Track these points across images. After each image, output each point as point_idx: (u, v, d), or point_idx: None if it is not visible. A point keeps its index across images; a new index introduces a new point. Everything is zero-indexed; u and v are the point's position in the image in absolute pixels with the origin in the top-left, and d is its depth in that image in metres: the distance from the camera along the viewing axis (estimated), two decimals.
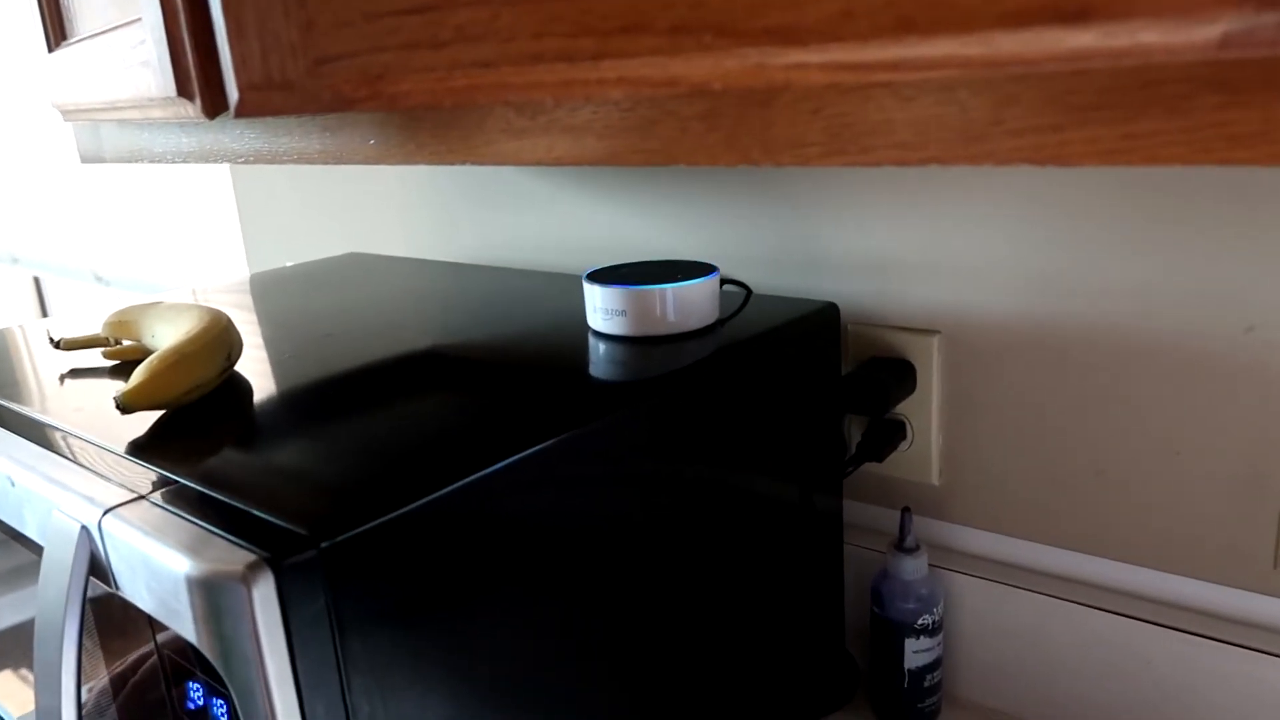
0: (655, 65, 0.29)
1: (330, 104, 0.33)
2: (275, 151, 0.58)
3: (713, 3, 0.28)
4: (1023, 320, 0.64)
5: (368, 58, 0.32)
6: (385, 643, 0.39)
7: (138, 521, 0.39)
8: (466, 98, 0.31)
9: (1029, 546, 0.68)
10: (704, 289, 0.60)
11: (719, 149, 0.38)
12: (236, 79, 0.34)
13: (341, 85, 0.33)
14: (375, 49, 0.32)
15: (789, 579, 0.64)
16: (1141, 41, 0.25)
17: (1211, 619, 0.61)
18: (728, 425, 0.56)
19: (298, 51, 0.33)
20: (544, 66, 0.29)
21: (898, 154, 0.34)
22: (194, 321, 0.56)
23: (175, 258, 1.45)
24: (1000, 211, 0.63)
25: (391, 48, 0.31)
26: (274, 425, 0.49)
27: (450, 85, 0.31)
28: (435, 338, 0.63)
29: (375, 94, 0.32)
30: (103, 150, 0.74)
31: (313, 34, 0.32)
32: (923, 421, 0.70)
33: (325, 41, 0.32)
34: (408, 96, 0.32)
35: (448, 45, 0.30)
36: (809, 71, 0.28)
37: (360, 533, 0.38)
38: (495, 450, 0.44)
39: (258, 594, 0.34)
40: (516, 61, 0.29)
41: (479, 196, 0.96)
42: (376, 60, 0.32)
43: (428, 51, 0.31)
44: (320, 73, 0.33)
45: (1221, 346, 0.57)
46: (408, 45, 0.31)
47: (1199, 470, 0.60)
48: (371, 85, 0.32)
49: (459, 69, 0.30)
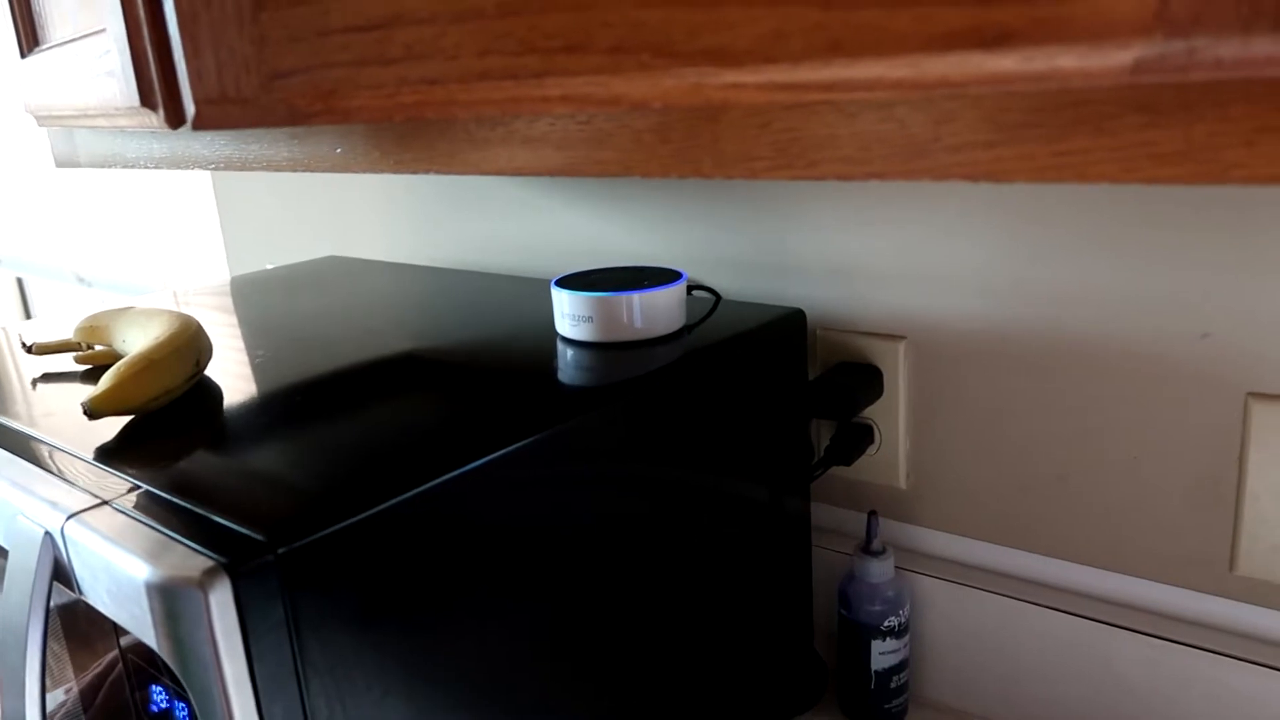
0: (597, 84, 0.30)
1: (285, 118, 0.34)
2: (245, 159, 0.58)
3: (651, 24, 0.28)
4: (987, 326, 0.65)
5: (320, 73, 0.32)
6: (345, 646, 0.40)
7: (100, 527, 0.40)
8: (416, 113, 0.32)
9: (994, 550, 0.69)
10: (670, 295, 0.61)
11: (671, 161, 0.39)
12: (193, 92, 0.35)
13: (295, 100, 0.33)
14: (327, 65, 0.32)
15: (758, 581, 0.65)
16: (1059, 66, 0.26)
17: (1170, 621, 0.62)
18: (695, 429, 0.57)
19: (251, 67, 0.33)
20: (490, 84, 0.30)
21: (842, 168, 0.35)
22: (163, 327, 0.56)
23: (157, 259, 1.45)
24: (965, 219, 0.64)
25: (342, 64, 0.32)
26: (241, 430, 0.50)
27: (400, 101, 0.31)
28: (407, 341, 0.64)
29: (329, 109, 0.33)
30: (77, 155, 0.74)
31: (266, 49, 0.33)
32: (890, 426, 0.71)
33: (278, 57, 0.33)
34: (359, 111, 0.32)
35: (396, 62, 0.31)
36: (745, 91, 0.29)
37: (319, 538, 0.38)
38: (461, 454, 0.45)
39: (214, 600, 0.35)
40: (463, 79, 0.30)
41: (457, 201, 0.96)
42: (328, 76, 0.32)
43: (377, 68, 0.31)
44: (274, 87, 0.33)
45: (1178, 352, 0.58)
46: (358, 62, 0.32)
47: (1157, 475, 0.61)
48: (325, 100, 0.33)
49: (407, 85, 0.31)
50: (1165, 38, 0.24)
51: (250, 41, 0.33)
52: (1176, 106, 0.27)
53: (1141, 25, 0.24)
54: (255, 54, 0.33)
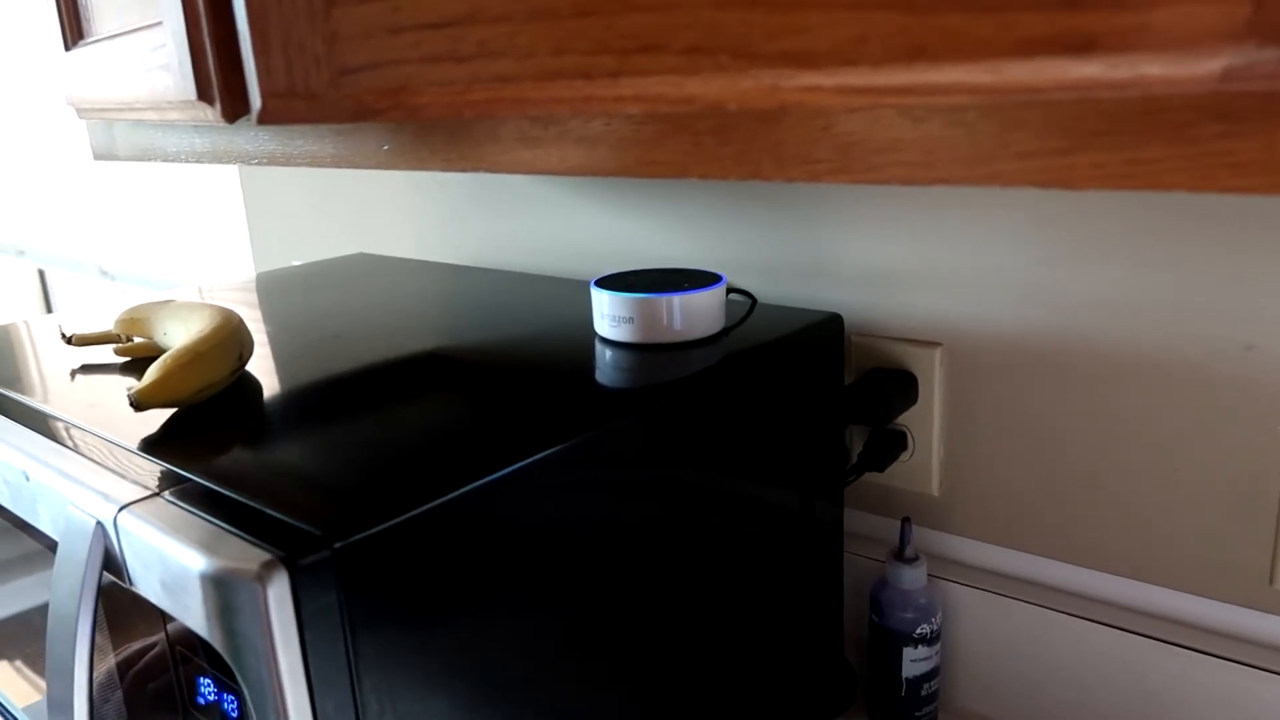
0: (671, 84, 0.30)
1: (352, 114, 0.34)
2: (288, 154, 0.58)
3: (729, 25, 0.28)
4: (1025, 334, 0.65)
5: (390, 69, 0.33)
6: (395, 642, 0.40)
7: (153, 518, 0.40)
8: (485, 110, 0.32)
9: (1027, 558, 0.69)
10: (711, 298, 0.61)
11: (730, 163, 0.39)
12: (260, 87, 0.35)
13: (364, 96, 0.33)
14: (398, 61, 0.32)
15: (789, 586, 0.65)
16: (1144, 73, 0.26)
17: (1207, 634, 0.62)
18: (731, 433, 0.57)
19: (321, 63, 0.34)
20: (562, 83, 0.30)
21: (905, 173, 0.35)
22: (206, 321, 0.56)
23: (181, 254, 1.46)
24: (1004, 225, 0.64)
25: (413, 60, 0.32)
26: (284, 425, 0.50)
27: (470, 98, 0.32)
28: (444, 340, 0.64)
29: (397, 105, 0.33)
30: (116, 148, 0.75)
31: (337, 46, 0.33)
32: (924, 432, 0.71)
33: (348, 53, 0.33)
34: (428, 108, 0.33)
35: (469, 60, 0.31)
36: (821, 94, 0.29)
37: (373, 534, 0.38)
38: (505, 454, 0.45)
39: (272, 592, 0.35)
40: (536, 77, 0.30)
41: (488, 200, 0.97)
42: (398, 72, 0.32)
43: (449, 65, 0.31)
44: (343, 83, 0.34)
45: (1221, 363, 0.58)
46: (430, 59, 0.32)
47: (1197, 485, 0.60)
48: (393, 96, 0.33)
49: (479, 83, 0.31)
50: (1258, 45, 0.24)
51: (321, 38, 0.33)
52: (1257, 115, 0.27)
53: (1232, 33, 0.24)
54: (326, 50, 0.33)
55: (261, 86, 0.35)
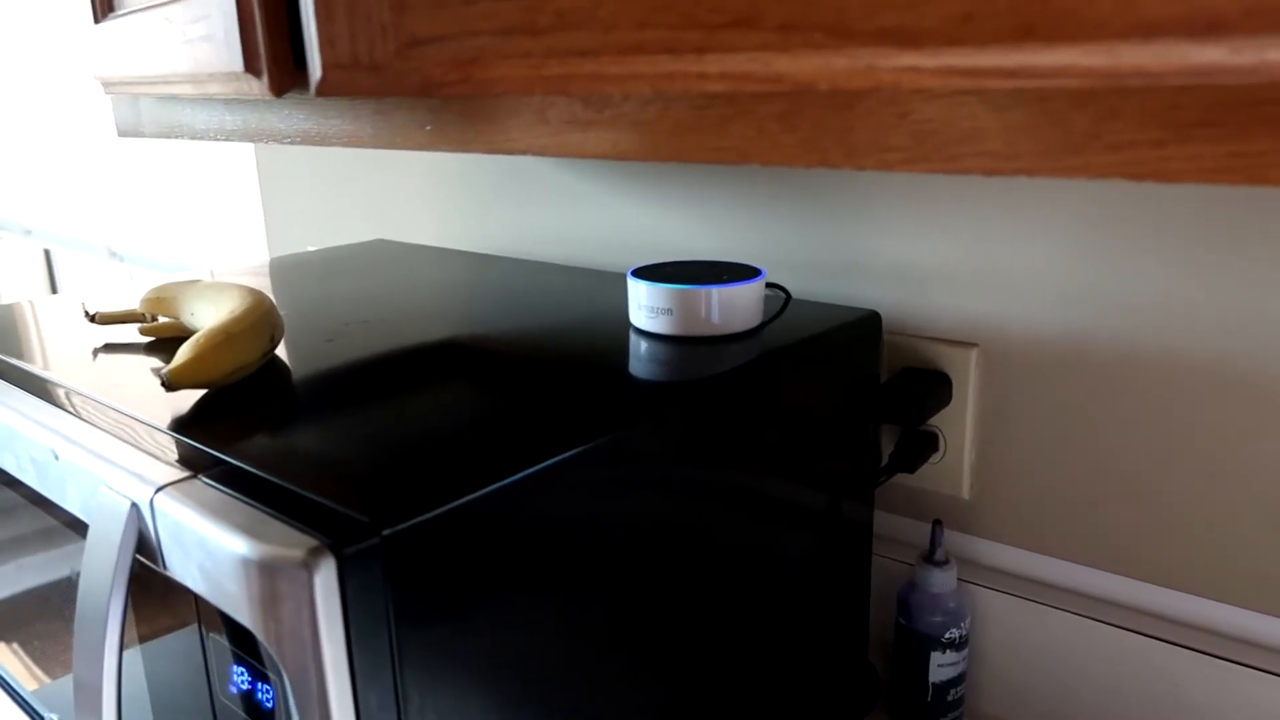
0: (760, 61, 0.28)
1: (418, 88, 0.33)
2: (324, 133, 0.57)
3: (826, 1, 0.27)
4: (1063, 335, 0.64)
5: (461, 42, 0.31)
6: (437, 635, 0.39)
7: (192, 501, 0.39)
8: (560, 86, 0.30)
9: (1058, 564, 0.67)
10: (750, 292, 0.60)
11: (795, 150, 0.38)
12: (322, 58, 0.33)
13: (431, 69, 0.32)
14: (470, 33, 0.31)
15: (816, 586, 0.64)
16: (1270, 59, 0.25)
17: (1244, 645, 0.61)
18: (765, 431, 0.56)
19: (388, 33, 0.32)
20: (645, 58, 0.29)
21: (987, 163, 0.34)
22: (237, 301, 0.55)
23: (193, 237, 1.44)
24: (1044, 224, 0.63)
25: (487, 32, 0.31)
26: (317, 410, 0.49)
27: (544, 73, 0.30)
28: (473, 329, 0.63)
29: (466, 79, 0.32)
30: (141, 124, 0.73)
31: (405, 15, 0.32)
32: (956, 434, 0.70)
33: (418, 23, 0.32)
34: (499, 83, 0.31)
35: (546, 32, 0.30)
36: (922, 75, 0.27)
37: (420, 522, 0.37)
38: (544, 447, 0.44)
39: (319, 580, 0.34)
40: (617, 51, 0.29)
41: (511, 189, 0.95)
42: (470, 45, 0.31)
43: (524, 37, 0.30)
44: (410, 55, 0.32)
45: (1267, 369, 0.57)
46: (504, 30, 0.30)
47: (1237, 494, 0.59)
48: (463, 70, 0.32)
49: (555, 56, 0.30)
50: None
51: (389, 6, 0.32)
52: None
53: None
54: (394, 20, 0.32)
55: (324, 57, 0.33)
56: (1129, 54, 0.25)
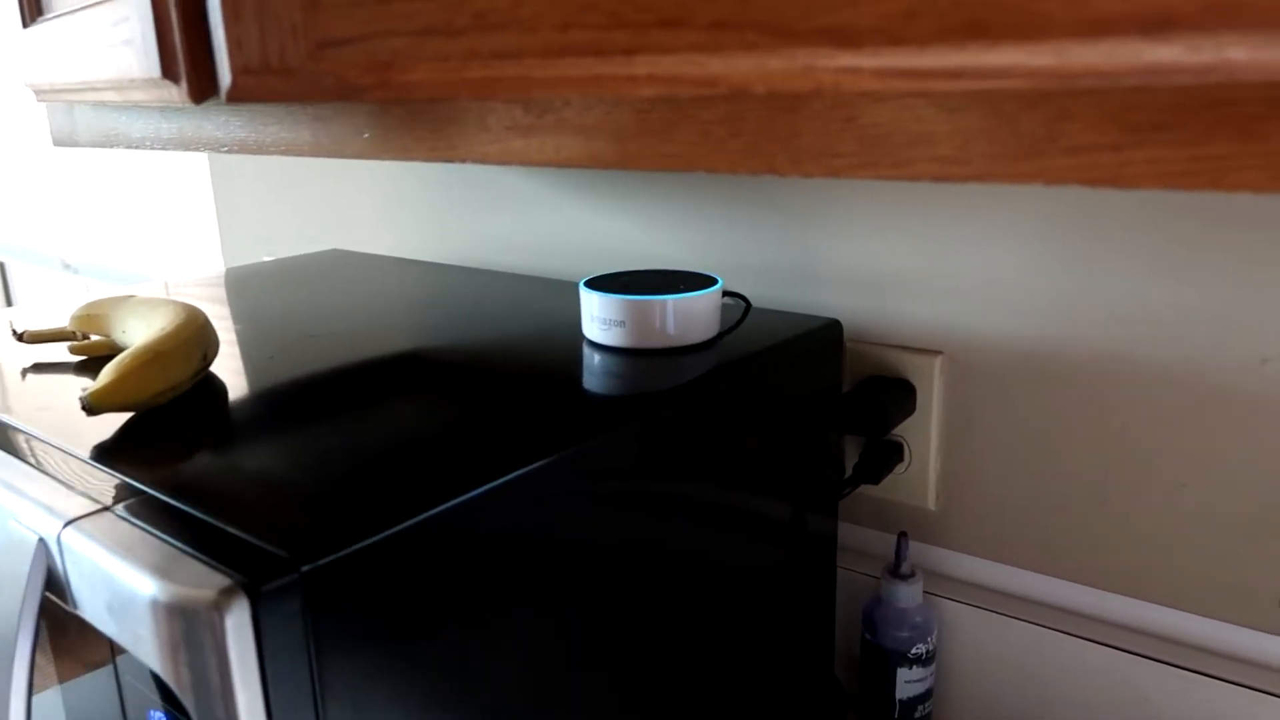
0: (692, 63, 0.27)
1: (333, 92, 0.31)
2: (261, 141, 0.55)
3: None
4: (1029, 344, 0.63)
5: (376, 43, 0.29)
6: (365, 671, 0.36)
7: (101, 535, 0.36)
8: (482, 91, 0.28)
9: (1027, 576, 0.66)
10: (706, 301, 0.58)
11: (740, 156, 0.36)
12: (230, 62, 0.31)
13: (346, 72, 0.30)
14: (385, 34, 0.29)
15: (780, 601, 0.62)
16: (1228, 58, 0.23)
17: (1213, 657, 0.59)
18: (724, 443, 0.54)
19: (299, 33, 0.30)
20: (570, 60, 0.27)
21: (938, 169, 0.32)
22: (169, 318, 0.53)
23: (148, 248, 1.41)
24: (1010, 230, 0.62)
25: (403, 33, 0.29)
26: (251, 433, 0.46)
27: (466, 76, 0.28)
28: (424, 343, 0.61)
29: (383, 83, 0.30)
30: (77, 133, 0.71)
31: (317, 14, 0.30)
32: (921, 444, 0.68)
33: (331, 23, 0.30)
34: (418, 87, 0.29)
35: (465, 33, 0.28)
36: (861, 77, 0.26)
37: (344, 555, 0.35)
38: (490, 467, 0.41)
39: (230, 622, 0.32)
40: (540, 54, 0.27)
41: (469, 196, 0.93)
42: (386, 46, 0.29)
43: (443, 39, 0.28)
44: (323, 57, 0.30)
45: (1235, 377, 0.56)
46: (421, 31, 0.28)
47: (1206, 504, 0.58)
48: (379, 73, 0.30)
49: (476, 59, 0.28)
50: None
51: (300, 5, 0.30)
52: None
53: None
54: (305, 20, 0.30)
55: (232, 61, 0.31)
56: (1079, 53, 0.24)
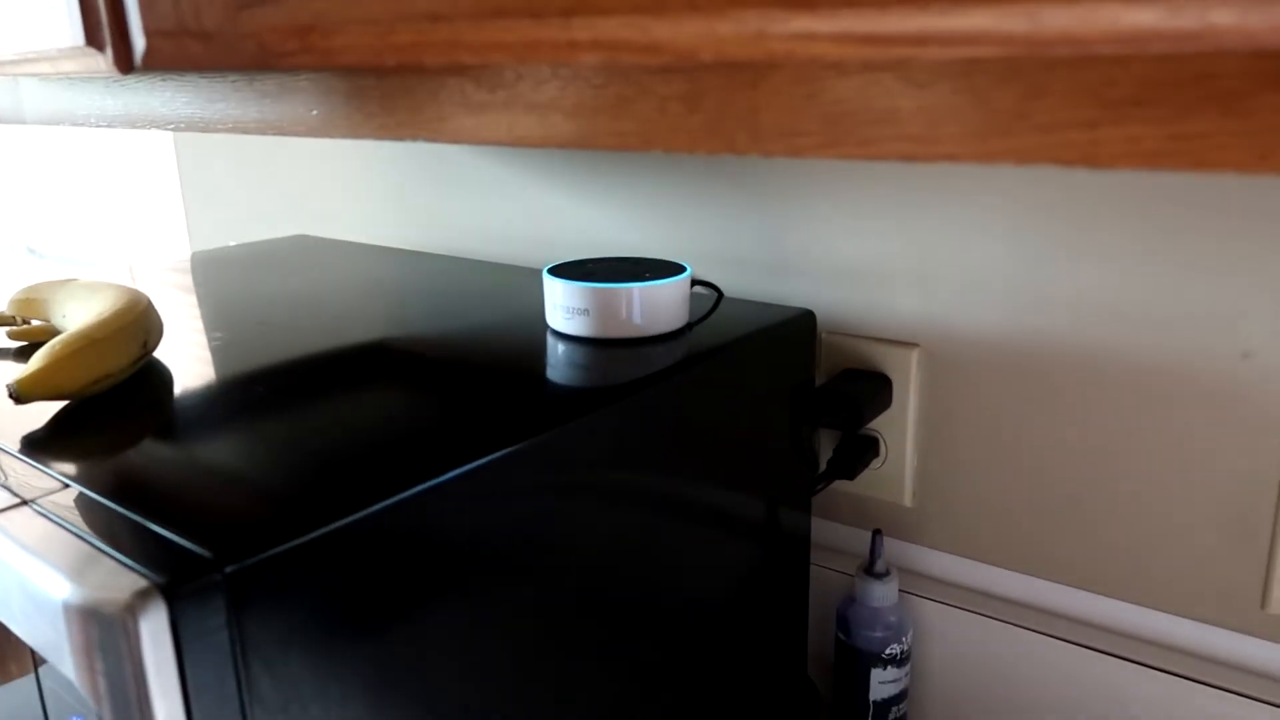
0: (635, 27, 0.24)
1: (254, 58, 0.28)
2: (208, 119, 0.52)
3: None
4: (1008, 337, 0.61)
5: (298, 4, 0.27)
6: (299, 678, 0.34)
7: (17, 533, 0.34)
8: (412, 57, 0.26)
9: (1004, 575, 0.65)
10: (674, 290, 0.56)
11: (700, 134, 0.34)
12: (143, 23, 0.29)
13: (267, 36, 0.28)
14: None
15: (752, 600, 0.60)
16: (1213, 23, 0.21)
17: (1193, 659, 0.58)
18: (693, 436, 0.52)
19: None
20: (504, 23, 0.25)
21: (905, 148, 0.30)
22: (108, 302, 0.50)
23: (113, 232, 1.37)
24: (990, 220, 0.60)
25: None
26: (190, 424, 0.44)
27: (393, 41, 0.26)
28: (382, 331, 0.58)
29: (306, 48, 0.27)
30: (23, 111, 0.68)
31: None
32: (897, 439, 0.66)
33: None
34: (343, 52, 0.27)
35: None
36: (818, 43, 0.24)
37: (273, 555, 0.33)
38: (440, 460, 0.39)
39: (146, 627, 0.29)
40: (472, 16, 0.25)
41: (438, 180, 0.91)
42: (307, 7, 0.27)
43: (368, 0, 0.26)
44: (242, 19, 0.28)
45: (1216, 372, 0.54)
46: None
47: (1186, 502, 0.57)
48: (301, 37, 0.27)
49: (404, 21, 0.26)
50: None
51: None
52: None
53: None
54: None
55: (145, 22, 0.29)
56: (1051, 16, 0.22)
